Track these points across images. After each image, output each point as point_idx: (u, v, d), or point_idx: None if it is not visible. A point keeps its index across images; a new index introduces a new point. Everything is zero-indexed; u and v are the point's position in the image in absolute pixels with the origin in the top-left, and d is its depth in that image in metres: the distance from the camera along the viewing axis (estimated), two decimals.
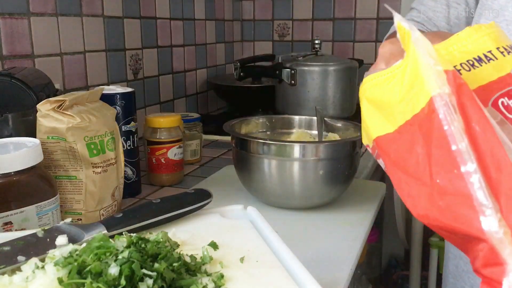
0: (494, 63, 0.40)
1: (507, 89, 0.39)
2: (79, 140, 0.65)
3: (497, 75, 0.40)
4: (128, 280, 0.35)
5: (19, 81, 0.72)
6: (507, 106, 0.38)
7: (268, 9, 1.93)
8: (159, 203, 0.50)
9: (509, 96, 0.39)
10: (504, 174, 0.32)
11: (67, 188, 0.67)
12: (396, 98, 0.39)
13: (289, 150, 0.74)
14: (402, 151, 0.38)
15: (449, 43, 0.42)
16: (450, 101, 0.34)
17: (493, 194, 0.32)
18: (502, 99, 0.39)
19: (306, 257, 0.43)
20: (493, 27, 0.41)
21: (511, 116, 0.38)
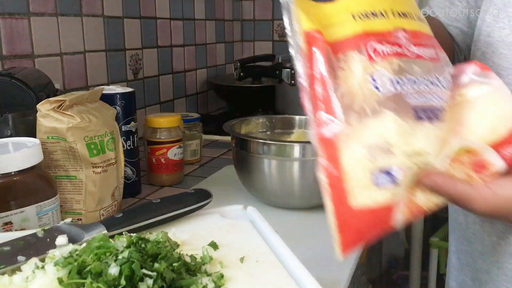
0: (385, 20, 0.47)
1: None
2: (79, 140, 0.65)
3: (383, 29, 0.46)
4: (128, 280, 0.35)
5: (19, 81, 0.72)
6: (375, 51, 0.45)
7: (268, 9, 1.93)
8: (159, 203, 0.50)
9: (381, 42, 0.45)
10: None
11: (67, 188, 0.67)
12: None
13: (289, 150, 0.74)
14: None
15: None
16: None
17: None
18: (375, 44, 0.45)
19: (306, 257, 0.43)
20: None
21: (376, 59, 0.44)
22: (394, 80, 0.44)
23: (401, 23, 0.48)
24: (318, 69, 0.43)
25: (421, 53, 0.47)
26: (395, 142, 0.41)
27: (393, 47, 0.46)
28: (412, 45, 0.47)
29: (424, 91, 0.45)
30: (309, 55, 0.43)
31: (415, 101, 0.44)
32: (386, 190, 0.41)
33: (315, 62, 0.43)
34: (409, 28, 0.48)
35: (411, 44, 0.47)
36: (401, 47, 0.46)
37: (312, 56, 0.43)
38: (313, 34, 0.44)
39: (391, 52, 0.46)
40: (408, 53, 0.46)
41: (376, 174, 0.41)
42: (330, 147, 0.41)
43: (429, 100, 0.45)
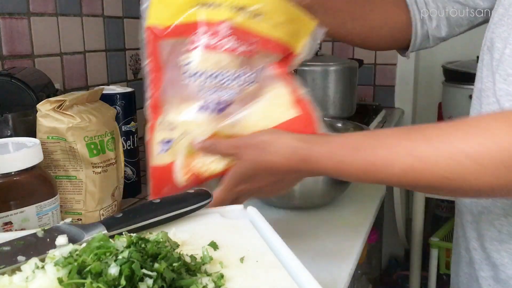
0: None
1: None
2: (79, 140, 0.65)
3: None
4: (128, 280, 0.35)
5: (19, 81, 0.72)
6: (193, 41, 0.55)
7: None
8: (159, 203, 0.50)
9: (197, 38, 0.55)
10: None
11: (67, 188, 0.67)
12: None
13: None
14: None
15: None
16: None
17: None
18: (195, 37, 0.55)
19: (306, 257, 0.43)
20: None
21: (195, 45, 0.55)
22: (201, 73, 0.55)
23: (230, 16, 0.55)
24: (153, 62, 0.56)
25: (238, 48, 0.55)
26: (177, 124, 0.56)
27: (215, 40, 0.55)
28: (233, 39, 0.55)
29: (221, 85, 0.56)
30: (148, 46, 0.57)
31: (209, 94, 0.56)
32: (167, 154, 0.57)
33: (152, 54, 0.56)
34: (236, 22, 0.55)
35: (232, 38, 0.55)
36: (221, 40, 0.55)
37: (150, 46, 0.57)
38: (151, 28, 0.57)
39: (211, 45, 0.55)
40: (227, 46, 0.55)
41: (162, 143, 0.57)
42: (151, 129, 0.58)
43: (222, 94, 0.56)
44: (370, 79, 1.84)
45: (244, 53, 0.55)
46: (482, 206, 0.59)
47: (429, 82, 1.90)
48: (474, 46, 0.99)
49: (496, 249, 0.59)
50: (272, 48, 0.57)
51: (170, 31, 0.56)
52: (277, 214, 0.77)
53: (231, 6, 0.55)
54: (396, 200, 1.50)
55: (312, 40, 0.61)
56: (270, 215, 0.57)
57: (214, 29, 0.55)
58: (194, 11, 0.56)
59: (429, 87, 1.90)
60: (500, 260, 0.58)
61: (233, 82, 0.55)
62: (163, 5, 0.57)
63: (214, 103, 0.55)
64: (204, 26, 0.55)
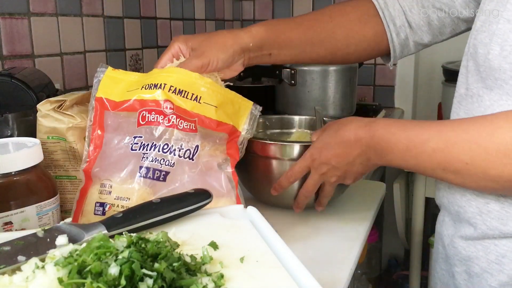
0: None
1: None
2: (79, 140, 0.65)
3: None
4: (128, 280, 0.35)
5: (19, 81, 0.72)
6: (145, 117, 0.63)
7: (268, 9, 1.93)
8: (159, 203, 0.50)
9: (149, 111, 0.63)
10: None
11: (67, 188, 0.67)
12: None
13: (289, 150, 0.74)
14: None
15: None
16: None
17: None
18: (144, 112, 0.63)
19: (306, 257, 0.43)
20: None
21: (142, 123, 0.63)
22: (145, 143, 0.62)
23: (166, 95, 0.63)
24: (96, 127, 0.63)
25: (180, 126, 0.63)
26: (113, 188, 0.61)
27: (157, 115, 0.62)
28: (176, 117, 0.63)
29: (160, 155, 0.62)
30: (95, 113, 0.64)
31: (148, 162, 0.62)
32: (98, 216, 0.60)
33: (97, 121, 0.63)
34: (176, 103, 0.63)
35: (176, 117, 0.63)
36: (164, 117, 0.62)
37: (96, 114, 0.63)
38: (100, 98, 0.64)
39: (153, 120, 0.62)
40: (168, 124, 0.62)
41: (97, 204, 0.61)
42: (88, 180, 0.63)
43: (161, 164, 0.62)
44: (370, 79, 1.84)
45: (185, 129, 0.63)
46: (458, 205, 0.62)
47: (429, 82, 1.90)
48: None
49: (471, 244, 0.61)
50: (212, 126, 0.65)
51: (117, 105, 0.64)
52: (277, 214, 0.77)
53: (173, 89, 0.64)
54: (396, 200, 1.50)
55: (251, 118, 0.70)
56: (270, 215, 0.57)
57: (157, 107, 0.63)
58: (139, 90, 0.64)
59: (429, 87, 1.90)
60: (475, 253, 0.61)
61: (171, 154, 0.62)
62: (114, 83, 0.65)
63: (151, 171, 0.61)
64: (149, 104, 0.63)
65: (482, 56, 0.57)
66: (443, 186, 0.65)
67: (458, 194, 0.62)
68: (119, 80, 0.66)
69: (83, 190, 0.62)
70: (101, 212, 0.61)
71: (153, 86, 0.64)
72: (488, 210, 0.58)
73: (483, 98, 0.58)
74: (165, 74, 0.65)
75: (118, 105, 0.63)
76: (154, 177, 0.61)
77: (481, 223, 0.59)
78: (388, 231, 1.83)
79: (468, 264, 0.62)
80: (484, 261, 0.60)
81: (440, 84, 1.59)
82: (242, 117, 0.69)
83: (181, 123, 0.63)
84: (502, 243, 0.58)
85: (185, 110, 0.63)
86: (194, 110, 0.64)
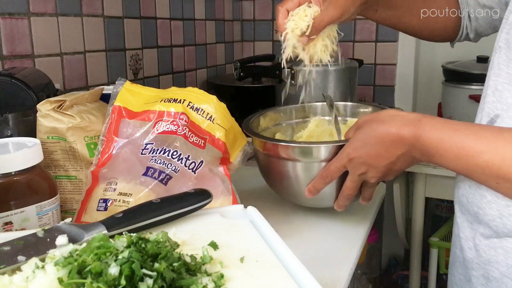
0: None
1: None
2: (79, 140, 0.65)
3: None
4: (128, 280, 0.35)
5: (19, 81, 0.72)
6: (160, 126, 0.67)
7: (268, 9, 1.93)
8: (159, 203, 0.50)
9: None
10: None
11: (67, 188, 0.67)
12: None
13: (316, 152, 0.70)
14: None
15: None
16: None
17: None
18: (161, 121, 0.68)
19: (306, 257, 0.43)
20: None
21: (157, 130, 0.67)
22: (155, 148, 0.65)
23: (184, 109, 0.68)
24: (111, 132, 0.66)
25: (191, 139, 0.67)
26: (118, 185, 0.62)
27: (171, 125, 0.67)
28: (188, 130, 0.67)
29: (168, 160, 0.65)
30: (111, 120, 0.67)
31: (155, 162, 0.64)
32: (104, 214, 0.61)
33: (111, 125, 0.67)
34: (192, 118, 0.68)
35: (188, 130, 0.67)
36: (178, 127, 0.67)
37: (112, 121, 0.67)
38: (118, 107, 0.68)
39: (167, 129, 0.66)
40: (181, 133, 0.66)
41: (101, 200, 0.62)
42: (94, 181, 0.64)
43: (166, 167, 0.64)
44: (370, 79, 1.84)
45: (194, 143, 0.67)
46: (478, 207, 0.60)
47: (429, 82, 1.90)
48: (473, 46, 0.99)
49: (491, 247, 0.59)
50: (218, 146, 0.69)
51: (134, 115, 0.68)
52: (277, 214, 0.77)
53: (190, 105, 0.69)
54: (396, 200, 1.50)
55: (243, 154, 0.73)
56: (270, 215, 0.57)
57: (174, 118, 0.67)
58: (158, 103, 0.69)
59: (429, 87, 1.90)
60: (495, 257, 0.58)
61: (179, 161, 0.65)
62: (132, 96, 0.70)
63: (158, 172, 0.63)
64: (166, 114, 0.68)
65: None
66: (463, 185, 0.63)
67: (478, 195, 0.59)
68: (137, 93, 0.71)
69: (88, 191, 0.63)
70: (103, 208, 0.61)
71: (172, 100, 0.69)
72: (509, 213, 0.56)
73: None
74: (184, 92, 0.71)
75: (136, 115, 0.68)
76: (158, 178, 0.63)
77: (501, 226, 0.57)
78: (388, 231, 1.83)
79: (486, 268, 0.60)
80: (504, 265, 0.57)
81: (440, 84, 1.59)
82: (236, 150, 0.73)
83: (192, 137, 0.67)
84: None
85: (199, 126, 0.69)
86: (207, 129, 0.69)
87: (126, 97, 0.70)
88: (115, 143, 0.66)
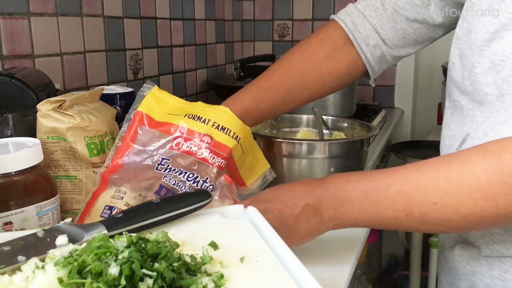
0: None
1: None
2: (79, 140, 0.65)
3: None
4: (128, 280, 0.35)
5: (19, 81, 0.72)
6: (179, 143, 0.64)
7: (268, 9, 1.93)
8: (159, 203, 0.50)
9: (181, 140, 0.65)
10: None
11: (67, 188, 0.67)
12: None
13: (302, 147, 0.74)
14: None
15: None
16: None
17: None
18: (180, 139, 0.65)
19: (306, 257, 0.43)
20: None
21: (178, 150, 0.64)
22: (170, 166, 0.62)
23: (208, 130, 0.65)
24: (128, 137, 0.64)
25: (212, 160, 0.63)
26: (126, 195, 0.61)
27: (192, 145, 0.64)
28: (209, 152, 0.64)
29: (180, 181, 0.62)
30: (131, 124, 0.65)
31: (167, 182, 0.61)
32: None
33: (130, 129, 0.65)
34: (217, 138, 0.64)
35: (209, 152, 0.64)
36: (198, 149, 0.64)
37: (132, 125, 0.65)
38: (141, 113, 0.66)
39: (187, 148, 0.63)
40: (201, 156, 0.63)
41: (107, 207, 0.60)
42: (103, 184, 0.62)
43: (176, 185, 0.61)
44: None
45: (214, 165, 0.63)
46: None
47: (429, 82, 1.90)
48: None
49: (475, 258, 0.59)
50: (228, 168, 0.65)
51: (156, 124, 0.65)
52: None
53: (216, 125, 0.65)
54: None
55: (262, 180, 0.71)
56: None
57: (196, 138, 0.64)
58: (181, 117, 0.66)
59: (429, 87, 1.90)
60: (478, 268, 0.59)
61: (194, 184, 0.62)
62: (157, 103, 0.67)
63: (166, 191, 0.61)
64: (188, 132, 0.64)
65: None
66: None
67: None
68: (162, 101, 0.68)
69: (95, 193, 0.62)
70: (107, 215, 0.60)
71: (197, 118, 0.66)
72: (491, 233, 0.56)
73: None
74: (211, 110, 0.67)
75: (157, 124, 0.65)
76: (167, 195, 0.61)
77: (483, 246, 0.57)
78: (388, 231, 1.83)
79: (472, 279, 0.60)
80: (488, 276, 0.58)
81: (440, 84, 1.59)
82: (255, 175, 0.70)
83: (214, 158, 0.64)
84: (506, 259, 0.56)
85: (226, 146, 0.65)
86: (232, 147, 0.65)
87: (151, 103, 0.67)
88: (130, 149, 0.64)
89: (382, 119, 1.59)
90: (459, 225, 0.49)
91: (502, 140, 0.48)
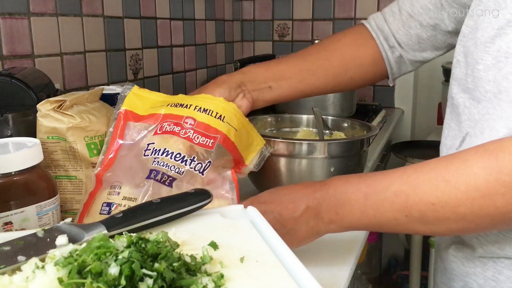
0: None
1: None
2: (79, 140, 0.65)
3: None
4: (128, 280, 0.35)
5: (19, 81, 0.72)
6: (162, 127, 0.66)
7: (268, 9, 1.93)
8: (159, 203, 0.50)
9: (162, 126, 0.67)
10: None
11: (67, 188, 0.67)
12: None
13: (302, 147, 0.74)
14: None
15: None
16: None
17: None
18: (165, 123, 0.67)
19: (306, 257, 0.43)
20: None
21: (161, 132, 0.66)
22: (157, 149, 0.64)
23: (190, 113, 0.67)
24: (116, 135, 0.66)
25: (196, 140, 0.65)
26: (122, 189, 0.63)
27: (174, 126, 0.65)
28: (193, 132, 0.65)
29: (172, 161, 0.63)
30: (117, 123, 0.67)
31: (159, 165, 0.63)
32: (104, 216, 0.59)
33: (117, 128, 0.67)
34: (200, 119, 0.66)
35: (193, 132, 0.65)
36: (182, 129, 0.65)
37: (118, 124, 0.67)
38: (125, 110, 0.68)
39: (170, 130, 0.65)
40: (184, 136, 0.65)
41: (104, 204, 0.62)
42: (98, 183, 0.64)
43: (170, 169, 0.63)
44: None
45: (200, 144, 0.65)
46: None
47: (429, 82, 1.90)
48: None
49: (469, 259, 0.59)
50: (228, 147, 0.67)
51: (140, 118, 0.68)
52: None
53: (197, 108, 0.67)
54: None
55: (260, 157, 0.72)
56: None
57: (179, 121, 0.66)
58: (164, 107, 0.68)
59: (429, 87, 1.90)
60: (472, 269, 0.59)
61: (183, 163, 0.64)
62: (139, 100, 0.70)
63: (161, 174, 0.62)
64: (170, 118, 0.67)
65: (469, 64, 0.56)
66: None
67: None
68: (144, 98, 0.70)
69: (92, 194, 0.63)
70: (106, 212, 0.61)
71: (179, 105, 0.68)
72: (485, 233, 0.56)
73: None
74: (192, 98, 0.70)
75: (141, 118, 0.68)
76: (161, 180, 0.62)
77: (478, 246, 0.57)
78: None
79: (466, 280, 0.60)
80: (482, 277, 0.58)
81: (440, 84, 1.59)
82: (252, 152, 0.71)
83: (197, 138, 0.65)
84: (500, 260, 0.56)
85: (208, 125, 0.66)
86: (218, 127, 0.66)
87: (133, 101, 0.69)
88: (119, 147, 0.66)
89: (382, 119, 1.59)
90: (458, 225, 0.49)
91: (502, 139, 0.48)
